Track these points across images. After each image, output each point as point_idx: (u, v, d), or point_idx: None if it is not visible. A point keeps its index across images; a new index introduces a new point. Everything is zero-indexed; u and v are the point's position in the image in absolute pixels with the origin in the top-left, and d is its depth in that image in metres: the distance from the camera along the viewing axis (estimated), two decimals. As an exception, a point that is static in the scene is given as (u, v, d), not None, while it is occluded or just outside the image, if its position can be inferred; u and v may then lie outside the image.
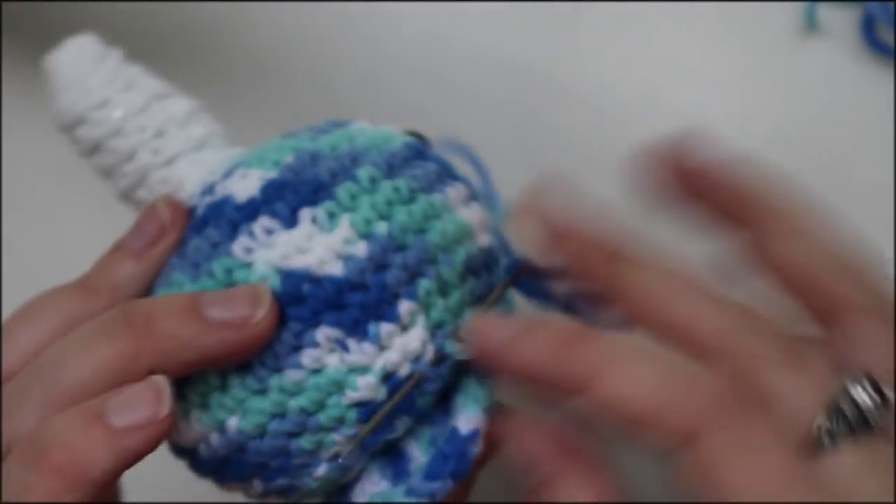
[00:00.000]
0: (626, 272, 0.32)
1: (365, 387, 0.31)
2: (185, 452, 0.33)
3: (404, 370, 0.31)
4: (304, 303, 0.30)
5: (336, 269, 0.30)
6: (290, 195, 0.31)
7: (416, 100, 0.51)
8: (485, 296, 0.33)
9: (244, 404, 0.31)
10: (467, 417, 0.31)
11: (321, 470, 0.32)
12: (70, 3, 0.52)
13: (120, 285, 0.32)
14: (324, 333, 0.30)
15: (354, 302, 0.30)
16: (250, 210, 0.31)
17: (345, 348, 0.30)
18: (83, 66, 0.35)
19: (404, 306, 0.31)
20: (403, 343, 0.31)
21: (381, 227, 0.31)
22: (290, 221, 0.31)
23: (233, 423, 0.31)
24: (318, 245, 0.30)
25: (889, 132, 0.50)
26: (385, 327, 0.31)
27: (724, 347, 0.30)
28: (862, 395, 0.28)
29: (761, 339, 0.30)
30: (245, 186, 0.32)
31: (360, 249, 0.31)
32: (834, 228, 0.34)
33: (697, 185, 0.33)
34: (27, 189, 0.51)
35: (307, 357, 0.30)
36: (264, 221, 0.31)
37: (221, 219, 0.32)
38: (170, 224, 0.32)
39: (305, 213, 0.31)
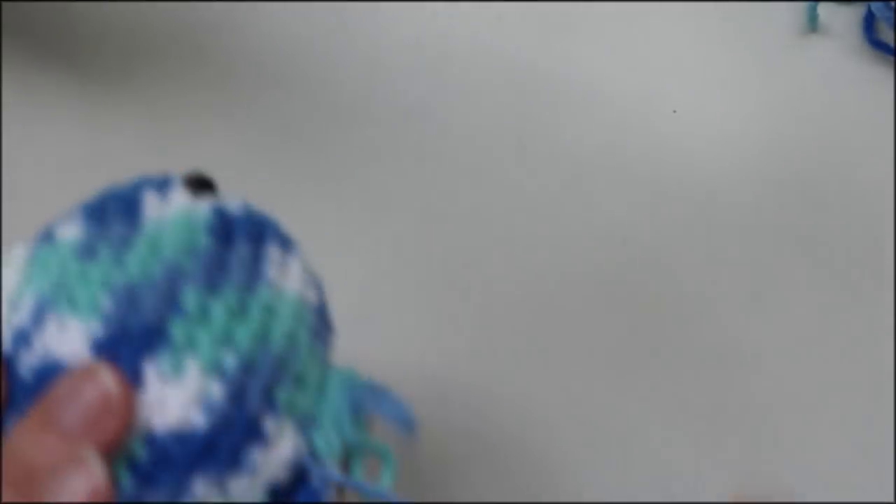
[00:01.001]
0: None
1: None
2: None
3: (285, 476, 0.30)
4: (174, 464, 0.29)
5: (198, 419, 0.29)
6: (126, 352, 0.29)
7: (416, 100, 0.51)
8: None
9: None
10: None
11: None
12: (70, 3, 0.52)
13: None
14: (201, 484, 0.29)
15: (224, 444, 0.29)
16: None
17: (224, 489, 0.29)
18: None
19: (269, 424, 0.30)
20: (277, 457, 0.30)
21: (230, 359, 0.30)
22: (136, 381, 0.29)
23: None
24: (173, 400, 0.29)
25: (889, 132, 0.50)
26: (257, 453, 0.30)
27: None
28: None
29: None
30: (69, 345, 0.30)
31: (216, 391, 0.29)
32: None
33: None
34: (27, 189, 0.50)
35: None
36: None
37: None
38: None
39: (149, 369, 0.29)
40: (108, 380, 0.28)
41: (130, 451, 0.29)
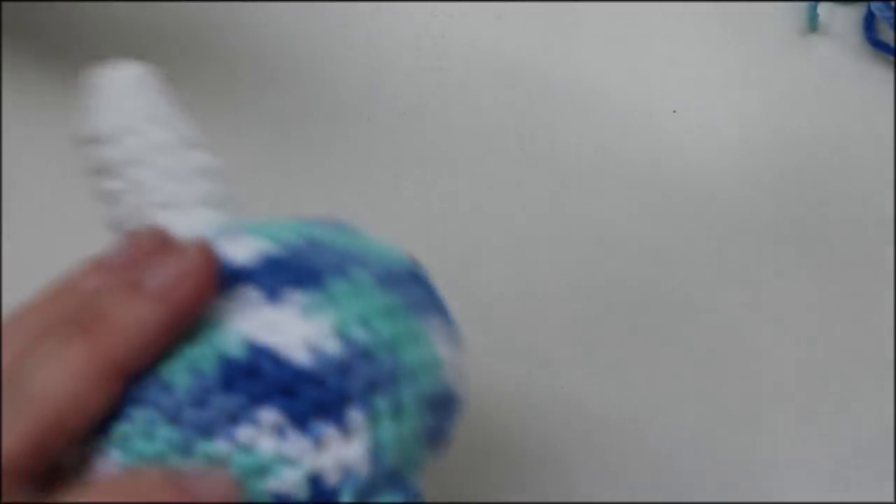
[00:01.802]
0: None
1: (289, 480, 0.29)
2: None
3: (333, 479, 0.30)
4: (258, 379, 0.29)
5: (302, 357, 0.30)
6: (282, 273, 0.31)
7: (416, 100, 0.51)
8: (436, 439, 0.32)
9: (164, 460, 0.29)
10: None
11: None
12: (70, 3, 0.52)
13: (131, 331, 0.30)
14: (267, 414, 0.29)
15: (308, 395, 0.29)
16: (239, 275, 0.31)
17: (282, 436, 0.29)
18: (125, 89, 0.34)
19: (354, 415, 0.30)
20: (341, 451, 0.30)
21: (359, 333, 0.30)
22: (274, 298, 0.30)
23: None
24: (293, 329, 0.30)
25: (889, 132, 0.50)
26: (328, 429, 0.30)
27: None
28: None
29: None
30: (241, 251, 0.31)
31: (332, 347, 0.30)
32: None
33: None
34: (27, 189, 0.51)
35: (242, 432, 0.29)
36: (249, 290, 0.30)
37: None
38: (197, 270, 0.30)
39: (290, 296, 0.30)
40: (191, 252, 0.29)
41: (223, 344, 0.30)
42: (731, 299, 0.48)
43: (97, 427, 0.29)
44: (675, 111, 0.51)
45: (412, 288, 0.33)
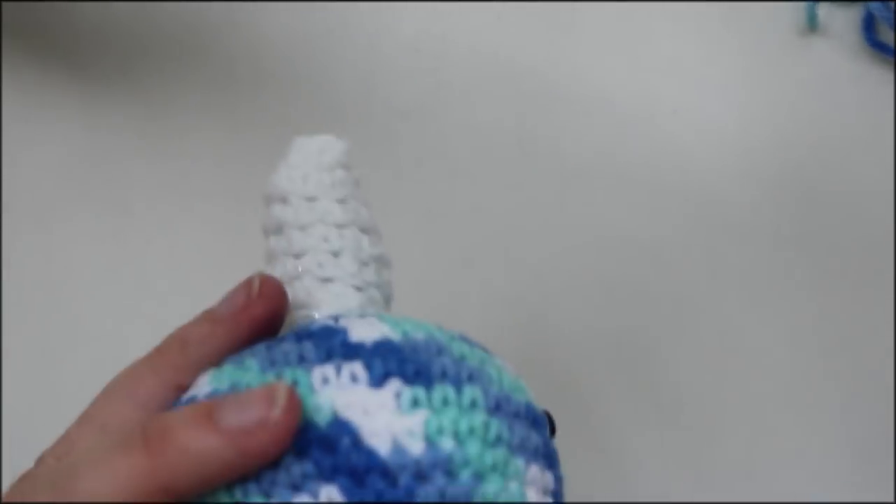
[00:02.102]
0: None
1: None
2: None
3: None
4: (332, 454, 0.29)
5: (382, 447, 0.29)
6: (393, 362, 0.30)
7: (416, 100, 0.51)
8: None
9: None
10: None
11: None
12: (70, 3, 0.52)
13: (190, 344, 0.32)
14: (329, 492, 0.29)
15: (375, 487, 0.29)
16: (352, 352, 0.30)
17: None
18: (319, 160, 0.35)
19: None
20: None
21: (448, 444, 0.29)
22: (377, 383, 0.30)
23: None
24: (383, 417, 0.29)
25: (889, 132, 0.50)
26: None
27: None
28: None
29: None
30: (363, 331, 0.31)
31: (416, 448, 0.29)
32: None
33: None
34: (27, 189, 0.51)
35: (300, 501, 0.29)
36: (355, 368, 0.30)
37: (324, 343, 0.31)
38: (257, 296, 0.32)
39: (394, 384, 0.30)
40: (278, 406, 0.29)
41: (310, 409, 0.29)
42: (730, 298, 0.48)
43: None
44: (675, 111, 0.51)
45: (525, 428, 0.32)
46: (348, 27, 0.53)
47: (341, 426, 0.29)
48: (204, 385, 0.31)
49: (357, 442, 0.29)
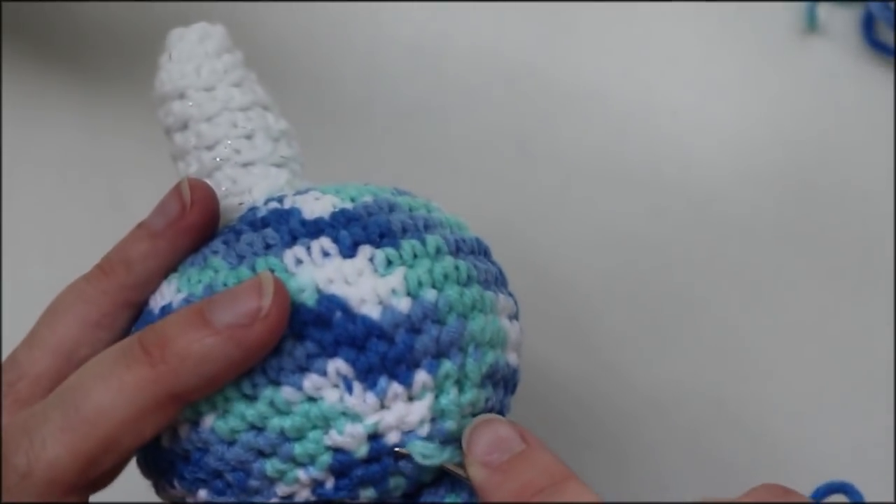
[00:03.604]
0: None
1: (350, 435, 0.30)
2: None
3: (393, 438, 0.30)
4: (329, 329, 0.30)
5: (373, 311, 0.30)
6: (357, 229, 0.31)
7: (416, 100, 0.51)
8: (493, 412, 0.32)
9: (228, 405, 0.30)
10: None
11: (270, 502, 0.31)
12: (70, 3, 0.52)
13: (134, 262, 0.32)
14: (335, 366, 0.30)
15: (377, 350, 0.30)
16: (314, 228, 0.31)
17: (349, 389, 0.30)
18: (204, 49, 0.35)
19: (420, 377, 0.30)
20: (404, 411, 0.30)
21: (430, 294, 0.30)
22: (349, 252, 0.30)
23: (209, 420, 0.30)
24: (366, 283, 0.30)
25: (889, 132, 0.50)
26: (394, 387, 0.30)
27: None
28: None
29: None
30: (316, 207, 0.32)
31: (403, 304, 0.30)
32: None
33: None
34: (27, 187, 0.51)
35: (309, 382, 0.30)
36: (324, 242, 0.31)
37: (283, 226, 0.31)
38: (190, 203, 0.32)
39: (365, 250, 0.31)
40: (268, 294, 0.29)
41: (295, 293, 0.30)
42: (731, 298, 0.48)
43: None
44: (675, 111, 0.51)
45: (481, 261, 0.33)
46: (348, 27, 0.53)
47: (330, 301, 0.30)
48: (173, 293, 0.32)
49: (349, 312, 0.30)
